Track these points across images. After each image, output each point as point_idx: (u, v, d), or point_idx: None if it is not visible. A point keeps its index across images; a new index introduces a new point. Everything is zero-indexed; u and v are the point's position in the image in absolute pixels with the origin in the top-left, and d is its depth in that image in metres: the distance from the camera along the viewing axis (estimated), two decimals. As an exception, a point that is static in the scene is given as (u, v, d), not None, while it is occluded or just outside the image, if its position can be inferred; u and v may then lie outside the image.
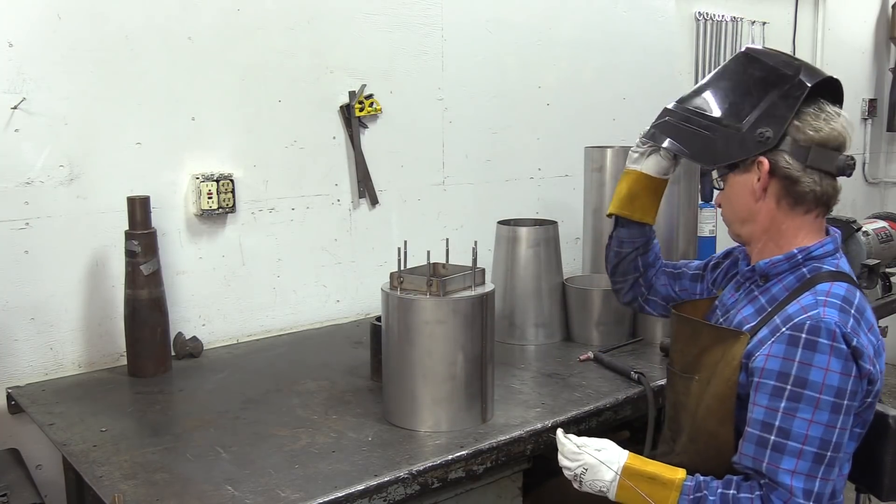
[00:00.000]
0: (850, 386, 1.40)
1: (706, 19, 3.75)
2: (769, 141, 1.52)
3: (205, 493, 1.48)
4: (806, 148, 1.51)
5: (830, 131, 1.52)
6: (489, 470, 1.69)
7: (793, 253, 1.55)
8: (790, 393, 1.40)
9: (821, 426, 1.39)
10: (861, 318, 1.45)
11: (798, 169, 1.52)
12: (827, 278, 1.50)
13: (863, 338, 1.42)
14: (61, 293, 2.11)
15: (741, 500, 1.43)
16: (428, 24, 2.75)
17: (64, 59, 2.05)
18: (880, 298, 2.96)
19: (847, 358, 1.39)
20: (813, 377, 1.39)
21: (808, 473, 1.39)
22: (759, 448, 1.42)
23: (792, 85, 1.54)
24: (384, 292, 1.76)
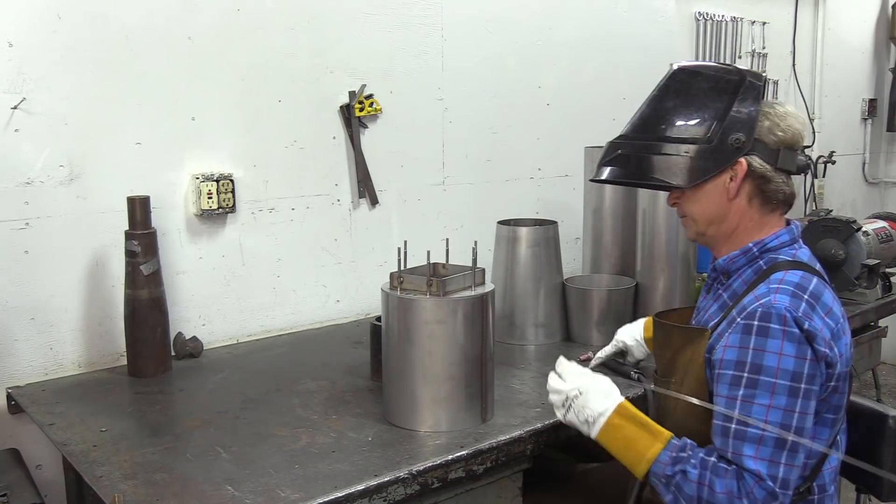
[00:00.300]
0: (805, 369, 1.40)
1: (706, 19, 3.75)
2: (744, 145, 1.54)
3: (205, 493, 1.48)
4: (775, 150, 1.55)
5: (793, 133, 1.56)
6: (489, 470, 1.69)
7: (748, 247, 1.58)
8: (747, 380, 1.42)
9: (779, 411, 1.39)
10: (816, 302, 1.46)
11: (770, 169, 1.55)
12: (783, 268, 1.52)
13: (816, 321, 1.43)
14: (61, 293, 2.11)
15: (719, 468, 1.42)
16: (428, 24, 2.75)
17: (64, 59, 2.05)
18: (880, 298, 2.96)
19: (800, 342, 1.40)
20: (767, 362, 1.41)
21: (771, 459, 1.39)
22: (724, 438, 1.44)
23: (745, 87, 1.57)
24: (384, 292, 1.76)
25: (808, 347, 1.41)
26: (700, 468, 1.43)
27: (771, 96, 4.16)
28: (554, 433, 1.79)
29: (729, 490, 1.39)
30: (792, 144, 1.56)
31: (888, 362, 4.75)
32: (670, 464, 1.46)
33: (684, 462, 1.45)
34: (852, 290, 2.93)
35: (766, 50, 4.06)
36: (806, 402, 1.41)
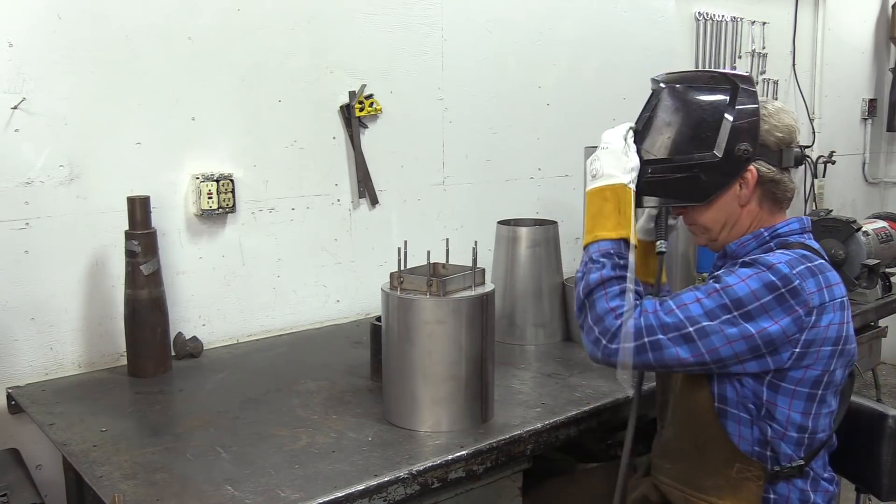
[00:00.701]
0: (749, 305, 1.43)
1: (706, 19, 3.75)
2: (752, 154, 1.55)
3: (205, 493, 1.48)
4: (778, 151, 1.57)
5: (788, 129, 1.59)
6: (489, 470, 1.69)
7: (759, 231, 1.61)
8: (706, 284, 1.51)
9: (700, 307, 1.46)
10: (819, 272, 1.49)
11: (777, 172, 1.58)
12: (792, 246, 1.56)
13: (809, 284, 1.46)
14: (61, 293, 2.11)
15: (627, 295, 1.50)
16: (428, 24, 2.75)
17: (64, 59, 2.05)
18: (880, 298, 2.96)
19: (768, 287, 1.44)
20: (727, 278, 1.48)
21: (663, 324, 1.46)
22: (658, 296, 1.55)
23: (738, 92, 1.56)
24: (384, 292, 1.76)
25: (773, 297, 1.43)
26: (612, 271, 1.52)
27: (768, 95, 4.16)
28: (554, 433, 1.79)
29: (614, 307, 1.49)
30: (790, 141, 1.59)
31: (888, 362, 4.75)
32: (599, 253, 1.55)
33: (611, 261, 1.53)
34: (852, 290, 2.93)
35: (766, 50, 4.06)
36: (726, 325, 1.44)
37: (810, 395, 1.50)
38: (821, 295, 1.47)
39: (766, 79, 4.11)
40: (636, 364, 1.49)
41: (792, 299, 1.44)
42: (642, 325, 1.47)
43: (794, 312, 1.44)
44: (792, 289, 1.44)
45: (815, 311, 1.46)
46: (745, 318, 1.44)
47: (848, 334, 1.52)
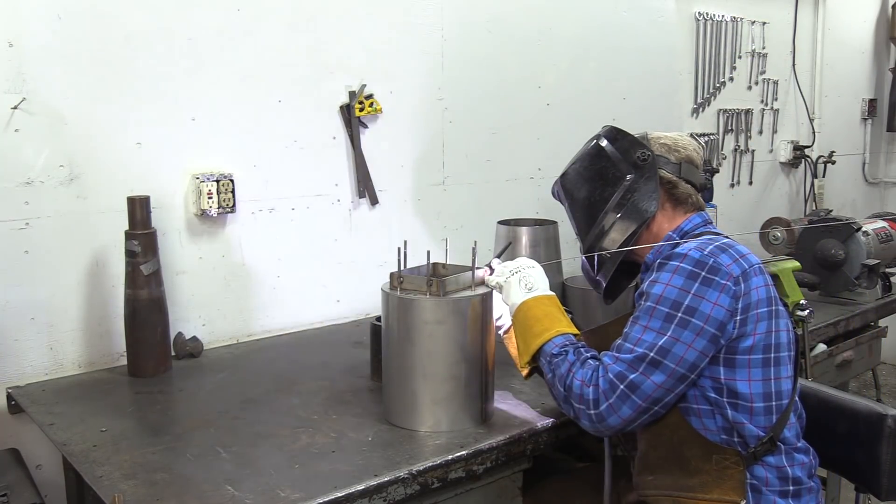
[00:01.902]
0: (687, 301, 1.52)
1: (706, 19, 3.75)
2: (650, 157, 1.73)
3: (205, 493, 1.48)
4: (677, 164, 1.75)
5: (688, 152, 1.77)
6: (489, 470, 1.69)
7: (669, 235, 1.73)
8: (640, 307, 1.58)
9: (652, 332, 1.53)
10: (729, 248, 1.57)
11: (675, 177, 1.74)
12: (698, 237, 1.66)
13: (723, 258, 1.54)
14: (61, 293, 2.11)
15: (587, 362, 1.59)
16: (428, 24, 2.75)
17: (64, 59, 2.05)
18: (880, 298, 2.96)
19: (691, 276, 1.53)
20: (654, 290, 1.56)
21: (629, 364, 1.53)
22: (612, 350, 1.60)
23: (607, 136, 1.82)
24: (384, 292, 1.76)
25: (700, 283, 1.52)
26: (574, 356, 1.61)
27: (768, 95, 4.16)
28: (554, 433, 1.79)
29: (583, 378, 1.57)
30: (691, 160, 1.76)
31: (888, 362, 4.75)
32: (559, 346, 1.65)
33: (571, 350, 1.63)
34: (852, 290, 2.93)
35: (766, 50, 4.07)
36: (679, 330, 1.51)
37: (765, 361, 1.55)
38: (738, 265, 1.55)
39: (766, 79, 4.11)
40: (630, 416, 1.54)
41: (715, 276, 1.52)
42: (611, 376, 1.54)
43: (724, 287, 1.52)
44: (710, 267, 1.53)
45: (741, 279, 1.53)
46: (689, 314, 1.51)
47: (775, 296, 1.60)
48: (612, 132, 1.82)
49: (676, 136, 1.80)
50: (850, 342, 2.79)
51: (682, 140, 1.79)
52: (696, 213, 1.75)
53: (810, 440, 1.69)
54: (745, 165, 4.09)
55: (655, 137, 1.78)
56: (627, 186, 1.74)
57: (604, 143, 1.81)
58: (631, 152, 1.75)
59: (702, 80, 3.79)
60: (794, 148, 4.31)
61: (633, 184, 1.74)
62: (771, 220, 3.55)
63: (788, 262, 2.72)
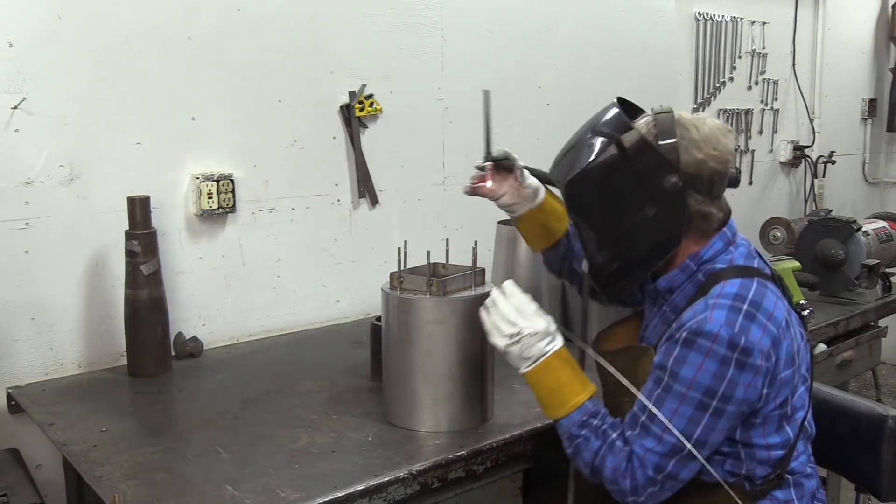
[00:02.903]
0: (722, 388, 1.40)
1: (706, 19, 3.75)
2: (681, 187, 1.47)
3: (205, 493, 1.48)
4: (710, 182, 1.50)
5: (728, 156, 1.51)
6: (489, 470, 1.70)
7: (685, 264, 1.55)
8: (664, 384, 1.44)
9: (683, 419, 1.42)
10: (756, 310, 1.43)
11: (708, 203, 1.52)
12: (720, 278, 1.49)
13: (754, 333, 1.41)
14: (61, 293, 2.11)
15: (615, 446, 1.48)
16: (428, 24, 2.75)
17: (64, 59, 2.05)
18: (880, 298, 2.96)
19: (725, 361, 1.40)
20: (684, 373, 1.42)
21: (663, 453, 1.43)
22: (633, 423, 1.48)
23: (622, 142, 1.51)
24: (384, 292, 1.76)
25: (734, 368, 1.40)
26: (601, 441, 1.50)
27: (768, 95, 4.15)
28: (554, 433, 1.79)
29: (616, 467, 1.47)
30: (725, 170, 1.52)
31: (888, 362, 4.75)
32: (578, 425, 1.52)
33: (590, 430, 1.51)
34: (852, 290, 2.93)
35: (766, 50, 4.07)
36: (714, 419, 1.42)
37: (781, 415, 1.50)
38: (768, 332, 1.43)
39: (766, 79, 4.11)
40: (667, 495, 1.47)
41: (749, 358, 1.40)
42: (649, 470, 1.44)
43: (758, 368, 1.41)
44: (743, 349, 1.40)
45: (772, 352, 1.43)
46: (724, 402, 1.41)
47: (798, 346, 1.51)
48: (630, 138, 1.50)
49: (710, 134, 1.50)
50: (850, 342, 2.79)
51: (720, 142, 1.50)
52: (718, 235, 1.55)
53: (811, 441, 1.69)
54: (745, 165, 4.09)
55: (689, 140, 1.49)
56: (650, 218, 1.50)
57: (622, 151, 1.50)
58: (657, 175, 1.47)
59: (702, 80, 3.79)
60: (794, 148, 4.31)
61: (656, 216, 1.50)
62: (771, 220, 3.55)
63: (788, 262, 2.73)
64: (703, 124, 1.51)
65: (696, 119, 1.53)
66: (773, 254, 3.39)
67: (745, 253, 1.56)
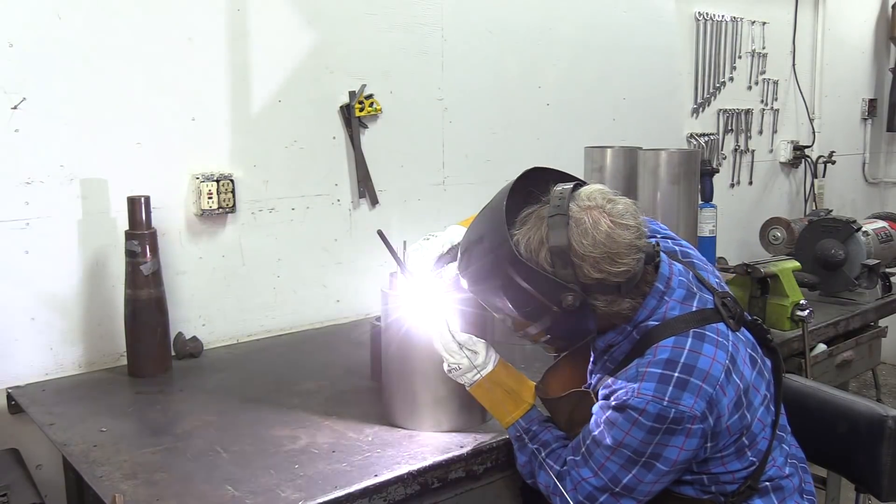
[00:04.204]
0: (650, 449, 1.41)
1: (706, 19, 3.75)
2: (581, 301, 1.42)
3: (205, 493, 1.48)
4: (616, 285, 1.43)
5: (634, 258, 1.42)
6: (489, 470, 1.70)
7: (622, 328, 1.53)
8: (601, 431, 1.46)
9: (616, 465, 1.45)
10: (689, 374, 1.41)
11: (615, 299, 1.45)
12: (653, 338, 1.47)
13: (685, 401, 1.39)
14: (61, 293, 2.11)
15: (546, 463, 1.55)
16: (428, 24, 2.75)
17: (64, 59, 2.05)
18: (880, 298, 2.96)
19: (652, 431, 1.40)
20: (614, 433, 1.44)
21: (597, 487, 1.47)
22: (575, 447, 1.53)
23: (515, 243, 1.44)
24: (384, 292, 1.76)
25: (663, 434, 1.40)
26: (529, 456, 1.60)
27: (768, 95, 4.15)
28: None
29: (546, 484, 1.55)
30: (629, 269, 1.42)
31: (888, 362, 4.75)
32: (514, 438, 1.63)
33: (519, 446, 1.62)
34: (852, 290, 2.93)
35: (766, 50, 4.07)
36: (644, 471, 1.44)
37: (737, 448, 1.50)
38: (703, 395, 1.40)
39: (766, 79, 4.11)
40: None
41: (679, 425, 1.40)
42: (581, 497, 1.49)
43: (690, 430, 1.40)
44: (672, 419, 1.39)
45: (708, 412, 1.41)
46: (653, 458, 1.42)
47: (746, 387, 1.47)
48: (515, 262, 1.41)
49: (607, 240, 1.40)
50: (850, 342, 2.79)
51: (616, 244, 1.40)
52: (650, 294, 1.49)
53: (811, 441, 1.69)
54: (745, 165, 4.09)
55: (583, 257, 1.39)
56: (551, 323, 1.47)
57: (511, 276, 1.42)
58: (553, 296, 1.41)
59: (702, 80, 3.79)
60: (794, 148, 4.31)
61: (558, 321, 1.46)
62: (771, 220, 3.55)
63: (788, 262, 2.72)
64: (597, 226, 1.40)
65: (591, 220, 1.41)
66: (773, 254, 3.40)
67: (682, 296, 1.51)
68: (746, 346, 1.54)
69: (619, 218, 1.42)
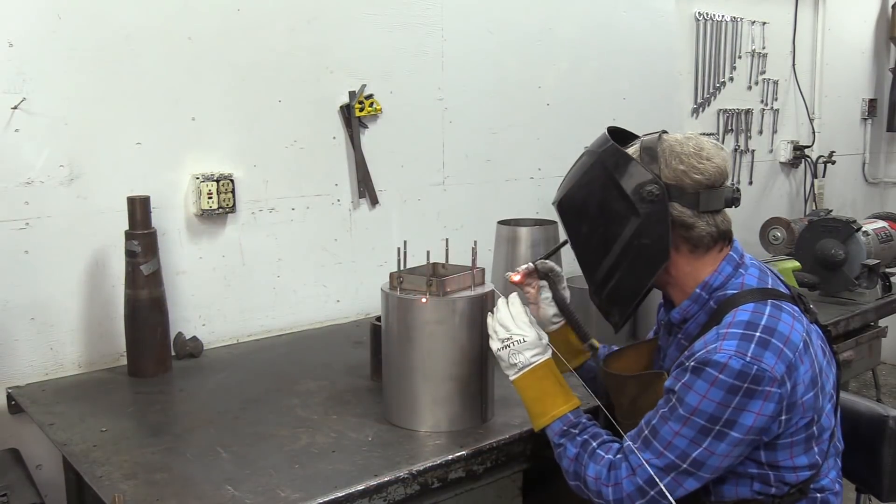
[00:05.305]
0: (726, 415, 1.38)
1: (706, 19, 3.75)
2: (660, 193, 1.48)
3: (205, 493, 1.48)
4: (695, 194, 1.50)
5: (715, 170, 1.50)
6: (489, 470, 1.70)
7: (696, 293, 1.55)
8: (671, 405, 1.44)
9: (685, 439, 1.42)
10: (770, 335, 1.41)
11: (691, 215, 1.51)
12: (732, 304, 1.48)
13: (766, 360, 1.38)
14: (61, 293, 2.11)
15: (596, 454, 1.51)
16: (428, 24, 2.75)
17: (64, 59, 2.05)
18: (880, 298, 2.96)
19: (731, 391, 1.37)
20: (689, 399, 1.41)
21: (660, 467, 1.44)
22: (636, 434, 1.49)
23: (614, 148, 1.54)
24: (384, 292, 1.76)
25: (742, 396, 1.37)
26: (579, 448, 1.54)
27: (768, 95, 4.15)
28: (554, 433, 1.79)
29: (597, 476, 1.49)
30: (714, 183, 1.51)
31: (888, 362, 4.75)
32: (558, 434, 1.58)
33: (568, 438, 1.56)
34: (852, 290, 2.94)
35: (766, 50, 4.06)
36: (716, 443, 1.40)
37: (808, 437, 1.48)
38: (783, 358, 1.39)
39: (766, 79, 4.11)
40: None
41: (759, 386, 1.37)
42: (640, 482, 1.45)
43: (768, 394, 1.38)
44: (754, 377, 1.37)
45: (786, 377, 1.39)
46: (728, 426, 1.39)
47: (820, 367, 1.47)
48: (611, 153, 1.54)
49: (695, 149, 1.51)
50: (850, 342, 2.80)
51: (703, 153, 1.51)
52: (725, 260, 1.54)
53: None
54: (745, 165, 4.09)
55: (670, 153, 1.51)
56: (634, 229, 1.51)
57: (604, 166, 1.54)
58: (637, 185, 1.49)
59: (702, 80, 3.79)
60: (794, 148, 4.31)
61: (640, 226, 1.51)
62: (771, 220, 3.56)
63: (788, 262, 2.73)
64: (688, 141, 1.53)
65: (683, 137, 1.54)
66: (773, 254, 3.40)
67: (757, 274, 1.55)
68: (818, 337, 1.53)
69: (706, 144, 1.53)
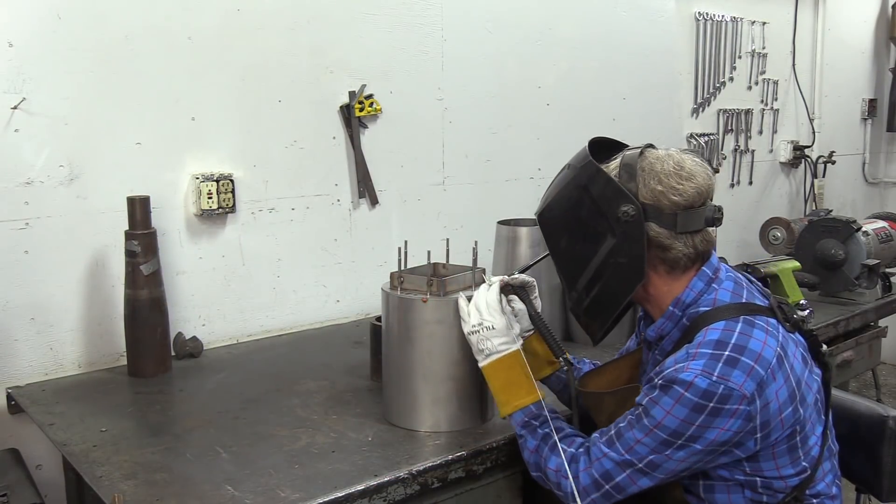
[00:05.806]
0: (690, 431, 1.39)
1: (706, 19, 3.75)
2: (636, 214, 1.47)
3: (205, 493, 1.48)
4: (672, 215, 1.48)
5: (694, 191, 1.49)
6: (489, 470, 1.70)
7: (670, 311, 1.55)
8: (637, 414, 1.45)
9: (646, 448, 1.43)
10: (740, 354, 1.39)
11: (668, 236, 1.50)
12: (703, 322, 1.48)
13: (735, 378, 1.37)
14: (61, 293, 2.11)
15: (559, 446, 1.53)
16: (428, 24, 2.75)
17: (64, 59, 2.05)
18: (880, 298, 2.96)
19: (696, 409, 1.37)
20: (654, 412, 1.42)
21: (617, 462, 1.45)
22: (605, 431, 1.51)
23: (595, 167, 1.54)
24: (384, 292, 1.77)
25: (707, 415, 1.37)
26: (539, 441, 1.56)
27: (768, 95, 4.15)
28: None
29: (557, 468, 1.52)
30: (693, 204, 1.49)
31: (888, 362, 4.75)
32: (520, 425, 1.60)
33: (529, 430, 1.58)
34: (852, 290, 2.94)
35: (766, 50, 4.06)
36: (675, 451, 1.41)
37: (790, 448, 1.47)
38: (754, 375, 1.38)
39: (766, 79, 4.11)
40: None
41: (726, 405, 1.36)
42: (596, 474, 1.47)
43: (736, 411, 1.37)
44: (720, 397, 1.36)
45: (756, 394, 1.38)
46: (690, 441, 1.40)
47: (798, 380, 1.45)
48: (589, 170, 1.54)
49: (676, 168, 1.49)
50: (850, 342, 2.80)
51: (683, 172, 1.49)
52: (696, 276, 1.53)
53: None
54: (745, 165, 4.09)
55: (649, 172, 1.49)
56: (610, 248, 1.51)
57: (582, 184, 1.54)
58: (613, 204, 1.49)
59: (702, 80, 3.79)
60: (794, 148, 4.31)
61: (616, 246, 1.51)
62: (771, 220, 3.55)
63: (788, 262, 2.73)
64: (669, 158, 1.51)
65: (665, 153, 1.53)
66: (773, 254, 3.40)
67: (731, 287, 1.53)
68: (798, 345, 1.51)
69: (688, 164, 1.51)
